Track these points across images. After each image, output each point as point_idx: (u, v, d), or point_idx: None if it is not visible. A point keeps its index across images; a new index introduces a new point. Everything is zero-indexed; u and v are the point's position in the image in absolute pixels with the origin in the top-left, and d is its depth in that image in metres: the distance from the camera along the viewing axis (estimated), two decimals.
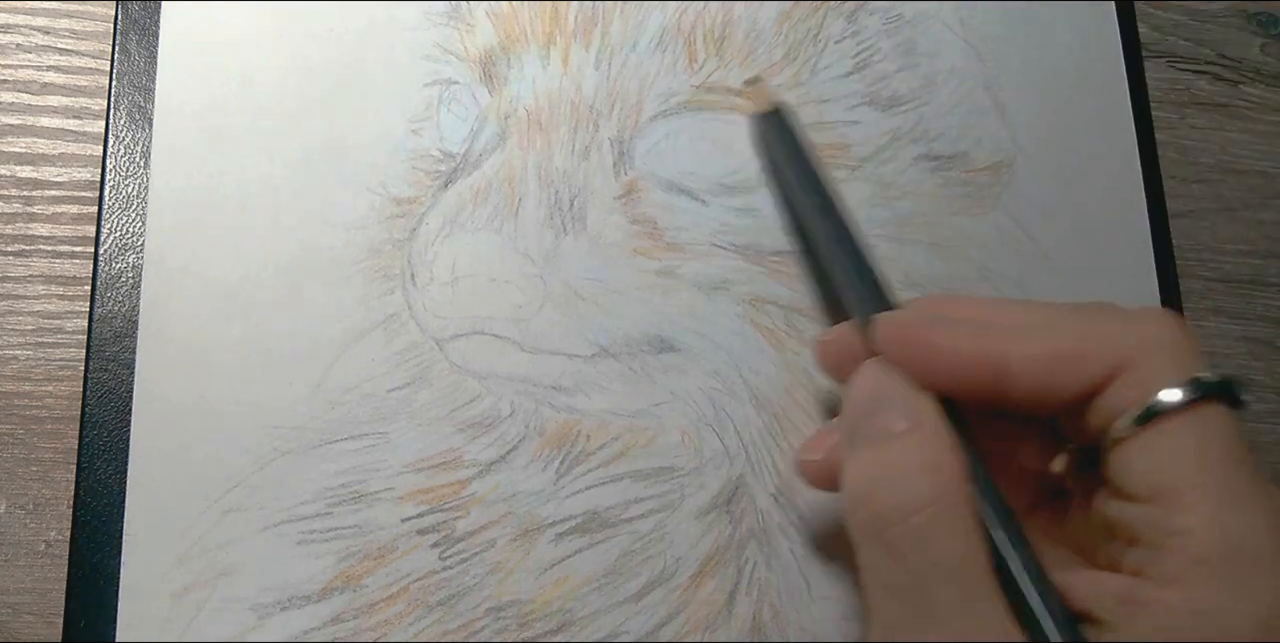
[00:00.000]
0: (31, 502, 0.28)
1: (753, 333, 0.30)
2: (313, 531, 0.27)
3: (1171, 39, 0.38)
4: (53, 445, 0.29)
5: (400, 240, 0.29)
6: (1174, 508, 0.20)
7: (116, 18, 0.30)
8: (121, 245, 0.28)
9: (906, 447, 0.22)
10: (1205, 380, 0.21)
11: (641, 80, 0.31)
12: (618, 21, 0.32)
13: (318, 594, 0.27)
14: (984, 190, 0.33)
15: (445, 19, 0.31)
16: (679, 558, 0.28)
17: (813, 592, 0.28)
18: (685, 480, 0.29)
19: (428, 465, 0.28)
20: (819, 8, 0.33)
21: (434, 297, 0.29)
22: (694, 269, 0.30)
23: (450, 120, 0.31)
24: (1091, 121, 0.34)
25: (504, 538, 0.28)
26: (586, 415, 0.29)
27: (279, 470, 0.27)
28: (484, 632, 0.27)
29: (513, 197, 0.30)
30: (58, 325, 0.29)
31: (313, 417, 0.28)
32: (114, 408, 0.27)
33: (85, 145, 0.31)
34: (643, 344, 0.29)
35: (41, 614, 0.27)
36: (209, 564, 0.26)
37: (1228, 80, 0.38)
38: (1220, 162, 0.37)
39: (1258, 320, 0.36)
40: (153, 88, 0.30)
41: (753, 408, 0.29)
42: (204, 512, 0.27)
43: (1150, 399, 0.21)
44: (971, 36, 0.34)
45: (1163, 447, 0.21)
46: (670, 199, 0.31)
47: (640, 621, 0.27)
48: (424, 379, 0.28)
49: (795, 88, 0.32)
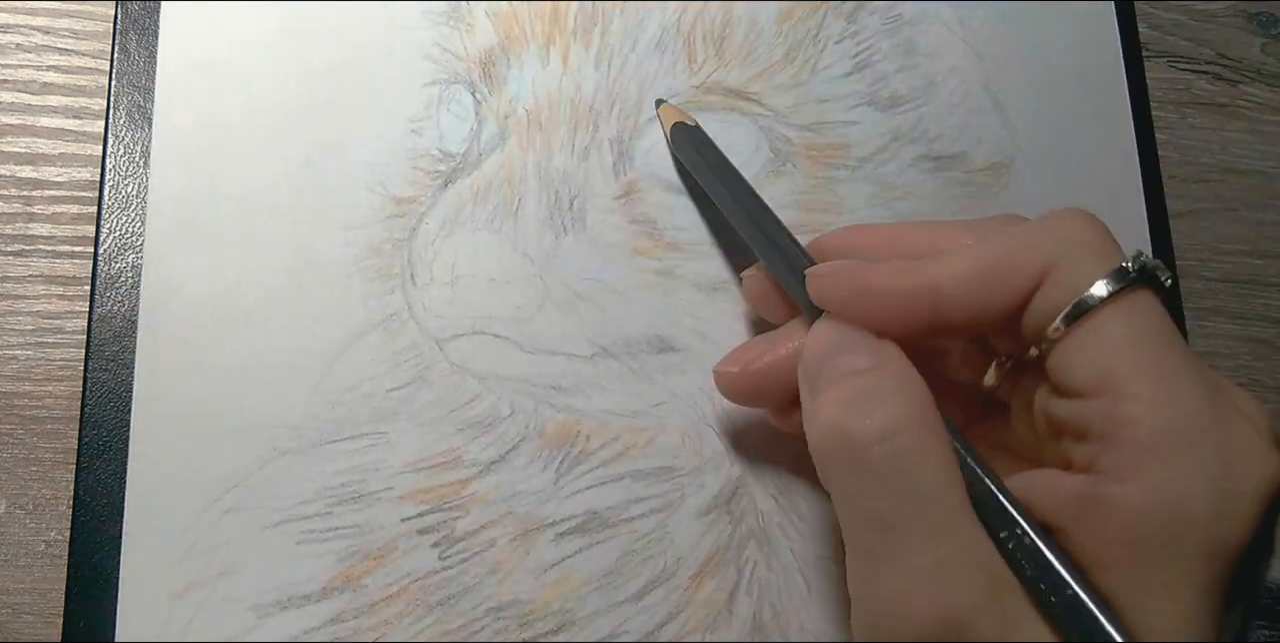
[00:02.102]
0: (31, 502, 0.28)
1: (753, 333, 0.30)
2: (313, 530, 0.27)
3: (1171, 39, 0.38)
4: (53, 445, 0.29)
5: (400, 240, 0.29)
6: (1117, 397, 0.20)
7: (116, 18, 0.30)
8: (121, 245, 0.28)
9: (877, 377, 0.22)
10: (1126, 270, 0.21)
11: (641, 80, 0.31)
12: (618, 21, 0.32)
13: (318, 594, 0.27)
14: (984, 190, 0.33)
15: (445, 19, 0.31)
16: (679, 558, 0.28)
17: (813, 592, 0.28)
18: (685, 480, 0.29)
19: (428, 465, 0.28)
20: (819, 8, 0.33)
21: (434, 296, 0.29)
22: (694, 269, 0.30)
23: (450, 120, 0.31)
24: (1091, 121, 0.34)
25: (504, 538, 0.28)
26: (586, 415, 0.29)
27: (279, 470, 0.27)
28: (484, 632, 0.27)
29: (512, 196, 0.30)
30: (57, 325, 0.29)
31: (312, 417, 0.28)
32: (114, 408, 0.27)
33: (85, 145, 0.31)
34: (643, 344, 0.29)
35: (41, 614, 0.27)
36: (209, 564, 0.26)
37: (1228, 80, 0.38)
38: (1220, 161, 0.37)
39: (1258, 320, 0.36)
40: (153, 88, 0.30)
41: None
42: (204, 512, 0.27)
43: (1078, 296, 0.21)
44: (971, 36, 0.34)
45: (1097, 339, 0.21)
46: (670, 199, 0.31)
47: (641, 621, 0.27)
48: (424, 379, 0.28)
49: (795, 88, 0.32)
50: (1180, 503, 0.19)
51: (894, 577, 0.20)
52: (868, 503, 0.21)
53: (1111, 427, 0.20)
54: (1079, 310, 0.21)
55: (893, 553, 0.20)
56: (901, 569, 0.20)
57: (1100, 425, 0.21)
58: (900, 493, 0.20)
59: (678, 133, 0.30)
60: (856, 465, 0.21)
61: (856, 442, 0.21)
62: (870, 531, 0.21)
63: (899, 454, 0.21)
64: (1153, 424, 0.20)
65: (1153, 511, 0.20)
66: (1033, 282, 0.22)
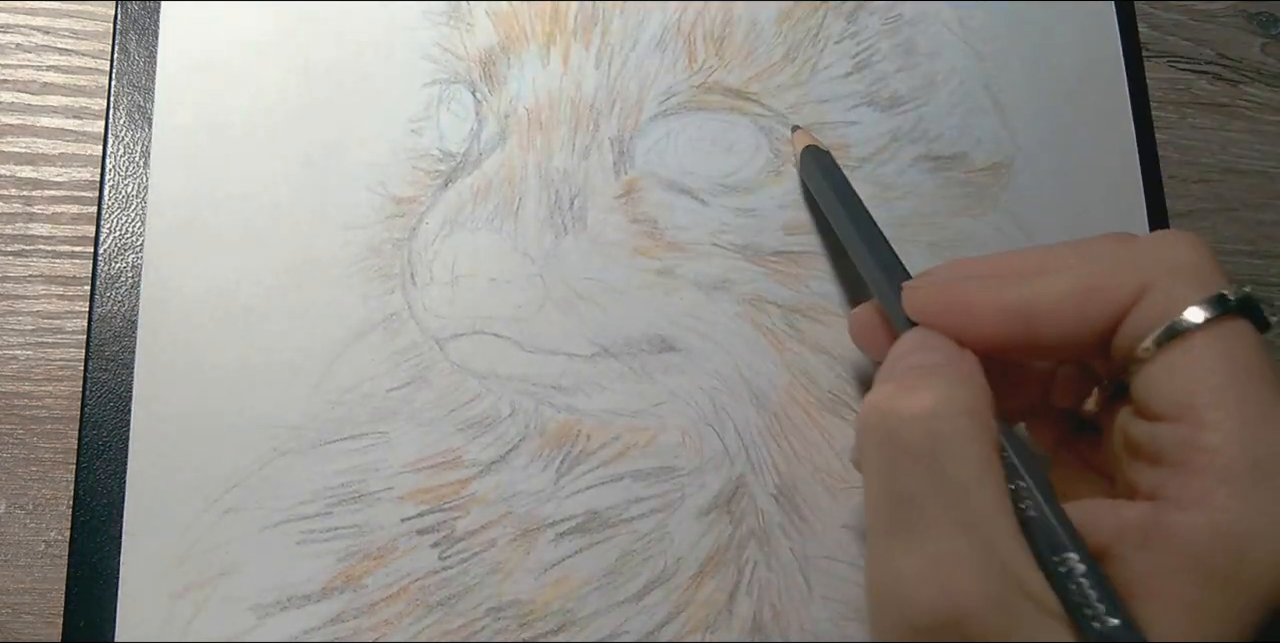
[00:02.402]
0: (31, 502, 0.28)
1: (753, 333, 0.30)
2: (313, 530, 0.27)
3: (1171, 39, 0.38)
4: (53, 445, 0.29)
5: (400, 240, 0.29)
6: (1198, 425, 0.20)
7: (116, 18, 0.30)
8: (121, 245, 0.28)
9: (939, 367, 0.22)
10: (1226, 297, 0.21)
11: (641, 80, 0.31)
12: (618, 21, 0.32)
13: (318, 594, 0.27)
14: (984, 190, 0.33)
15: (445, 19, 0.31)
16: (679, 558, 0.28)
17: (813, 592, 0.28)
18: (685, 480, 0.29)
19: (427, 465, 0.28)
20: (819, 8, 0.33)
21: (434, 296, 0.29)
22: (694, 269, 0.30)
23: (450, 120, 0.31)
24: (1091, 121, 0.34)
25: (504, 538, 0.28)
26: (587, 415, 0.29)
27: (279, 470, 0.27)
28: (484, 632, 0.27)
29: (513, 196, 0.30)
30: (57, 325, 0.29)
31: (312, 417, 0.28)
32: (114, 408, 0.27)
33: (85, 145, 0.31)
34: (643, 344, 0.29)
35: (41, 614, 0.27)
36: (208, 564, 0.26)
37: (1228, 80, 0.38)
38: (1220, 161, 0.37)
39: None
40: (153, 88, 0.30)
41: (753, 408, 0.29)
42: (204, 512, 0.27)
43: (1172, 319, 0.21)
44: (971, 36, 0.34)
45: (1185, 364, 0.21)
46: (670, 199, 0.31)
47: (641, 621, 0.27)
48: (424, 379, 0.28)
49: (795, 88, 0.32)
50: (1246, 538, 0.19)
51: (905, 559, 0.20)
52: (895, 482, 0.21)
53: (1187, 453, 0.20)
54: (1171, 333, 0.21)
55: (910, 537, 0.20)
56: (914, 553, 0.20)
57: (1176, 451, 0.20)
58: (928, 476, 0.20)
59: (806, 156, 0.30)
60: (891, 441, 0.21)
61: (896, 418, 0.21)
62: (893, 511, 0.21)
63: (935, 436, 0.20)
64: (1229, 455, 0.20)
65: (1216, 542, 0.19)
66: (1127, 303, 0.22)
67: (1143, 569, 0.20)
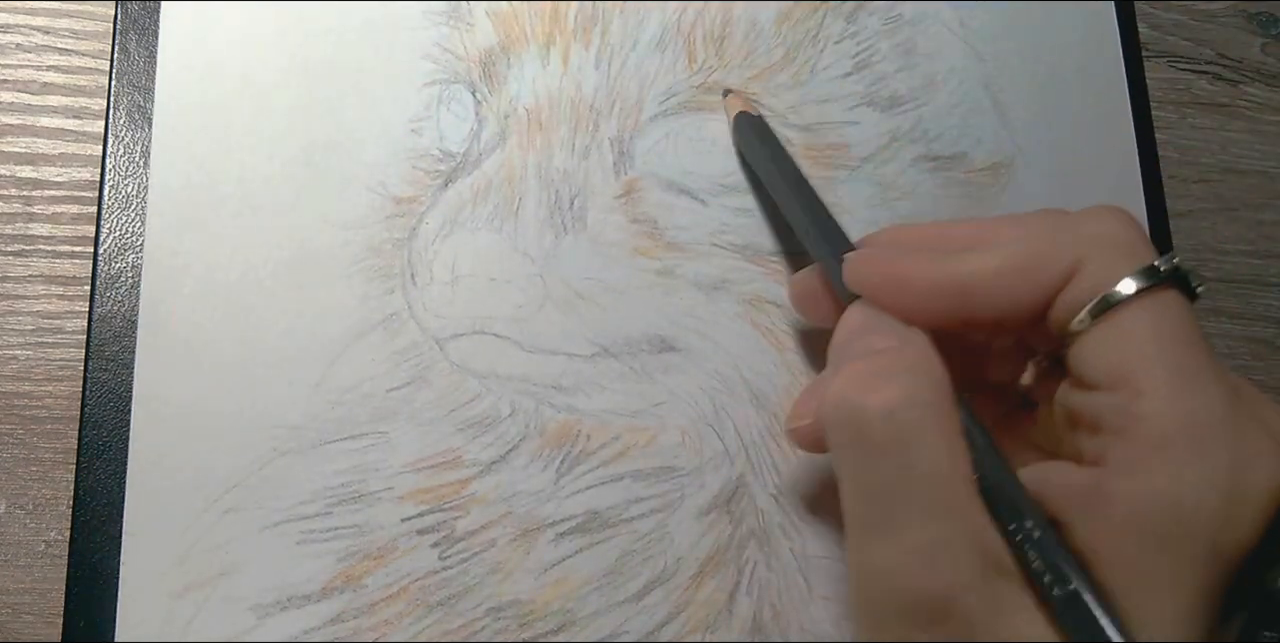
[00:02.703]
0: (31, 502, 0.28)
1: (753, 333, 0.30)
2: (312, 530, 0.27)
3: (1171, 39, 0.38)
4: (53, 445, 0.29)
5: (400, 240, 0.29)
6: (1133, 393, 0.20)
7: (116, 18, 0.30)
8: (121, 245, 0.28)
9: (895, 356, 0.22)
10: (1156, 269, 0.21)
11: (641, 80, 0.31)
12: (618, 21, 0.32)
13: (318, 594, 0.27)
14: (984, 190, 0.33)
15: (445, 19, 0.31)
16: (679, 558, 0.28)
17: (813, 592, 0.28)
18: (685, 480, 0.29)
19: (427, 465, 0.28)
20: (818, 8, 0.33)
21: (434, 296, 0.29)
22: (694, 269, 0.30)
23: (450, 120, 0.31)
24: (1091, 121, 0.34)
25: (504, 538, 0.28)
26: (586, 415, 0.29)
27: (279, 470, 0.27)
28: (484, 632, 0.27)
29: (513, 196, 0.30)
30: (57, 325, 0.29)
31: (312, 417, 0.28)
32: (113, 408, 0.27)
33: (85, 145, 0.31)
34: (643, 344, 0.29)
35: (41, 614, 0.27)
36: (209, 564, 0.26)
37: (1228, 80, 0.38)
38: (1220, 161, 0.37)
39: (1258, 320, 0.36)
40: (152, 88, 0.30)
41: (753, 408, 0.29)
42: (204, 512, 0.27)
43: (1105, 291, 0.21)
44: (971, 36, 0.34)
45: (1119, 334, 0.21)
46: (670, 199, 0.31)
47: (641, 621, 0.27)
48: (424, 379, 0.28)
49: (795, 88, 0.32)
50: (1185, 502, 0.19)
51: (887, 552, 0.20)
52: (868, 477, 0.21)
53: (1124, 421, 0.20)
54: (1104, 305, 0.21)
55: (888, 529, 0.20)
56: (895, 545, 0.20)
57: (1113, 419, 0.21)
58: (900, 469, 0.20)
59: (741, 121, 0.30)
60: (860, 438, 0.21)
61: (862, 415, 0.21)
62: (868, 505, 0.21)
63: (902, 430, 0.20)
64: (1165, 421, 0.20)
65: (1156, 507, 0.20)
66: (1061, 277, 0.22)
67: (1089, 535, 0.20)
